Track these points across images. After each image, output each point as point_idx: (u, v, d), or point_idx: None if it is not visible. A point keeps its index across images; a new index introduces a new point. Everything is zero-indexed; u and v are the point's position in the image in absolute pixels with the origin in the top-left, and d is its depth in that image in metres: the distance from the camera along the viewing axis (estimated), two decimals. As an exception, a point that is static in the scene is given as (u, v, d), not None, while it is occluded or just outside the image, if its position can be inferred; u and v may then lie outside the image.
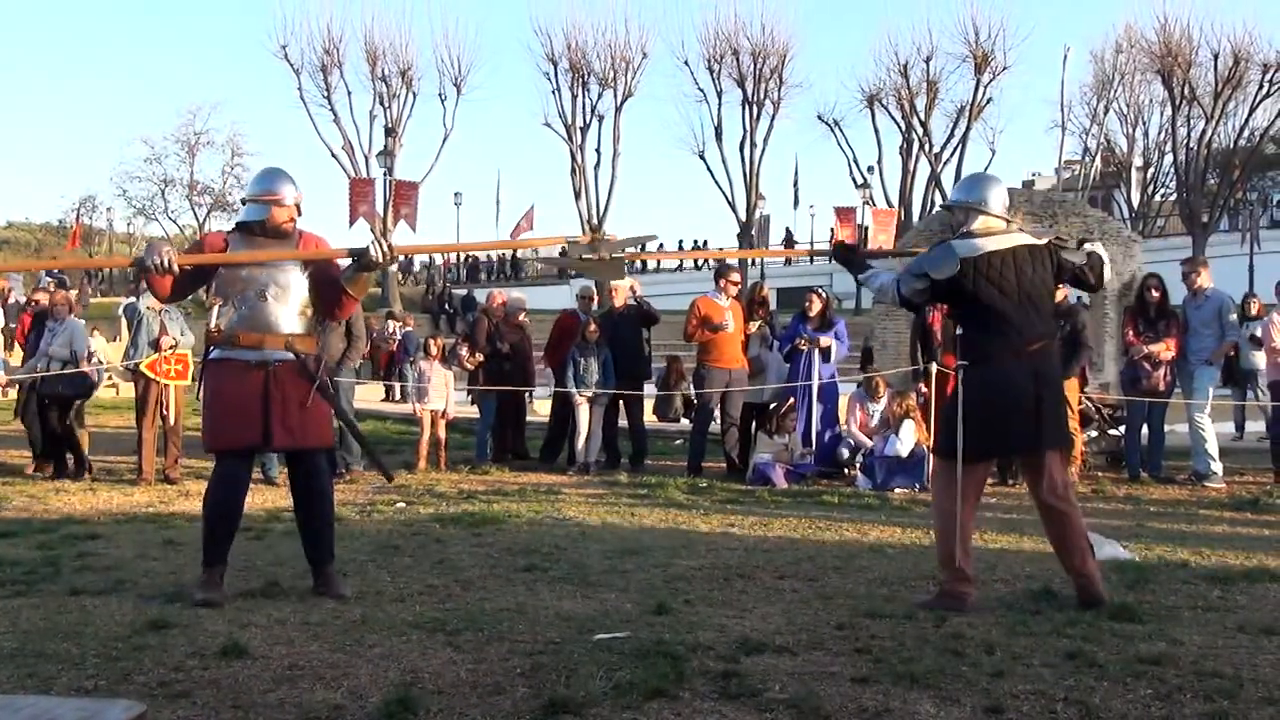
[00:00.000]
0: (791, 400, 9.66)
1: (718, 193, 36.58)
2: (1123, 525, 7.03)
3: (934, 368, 9.15)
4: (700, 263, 37.57)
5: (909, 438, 8.92)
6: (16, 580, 5.25)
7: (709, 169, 36.88)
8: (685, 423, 11.49)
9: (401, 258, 4.83)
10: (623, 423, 10.55)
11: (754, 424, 9.91)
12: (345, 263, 4.96)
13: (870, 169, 38.83)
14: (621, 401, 10.37)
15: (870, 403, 9.58)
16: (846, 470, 9.48)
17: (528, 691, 3.50)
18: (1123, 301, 12.42)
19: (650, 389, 11.51)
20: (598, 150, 36.14)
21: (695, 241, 46.03)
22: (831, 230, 33.86)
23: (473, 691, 3.51)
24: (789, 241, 45.20)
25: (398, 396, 16.54)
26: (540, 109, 40.85)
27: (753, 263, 34.74)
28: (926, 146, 36.88)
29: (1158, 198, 42.28)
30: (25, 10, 77.17)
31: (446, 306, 31.66)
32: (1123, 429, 9.83)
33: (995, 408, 4.67)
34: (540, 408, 12.52)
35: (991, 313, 4.66)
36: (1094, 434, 10.11)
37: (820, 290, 10.20)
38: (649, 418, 11.32)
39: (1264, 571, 5.48)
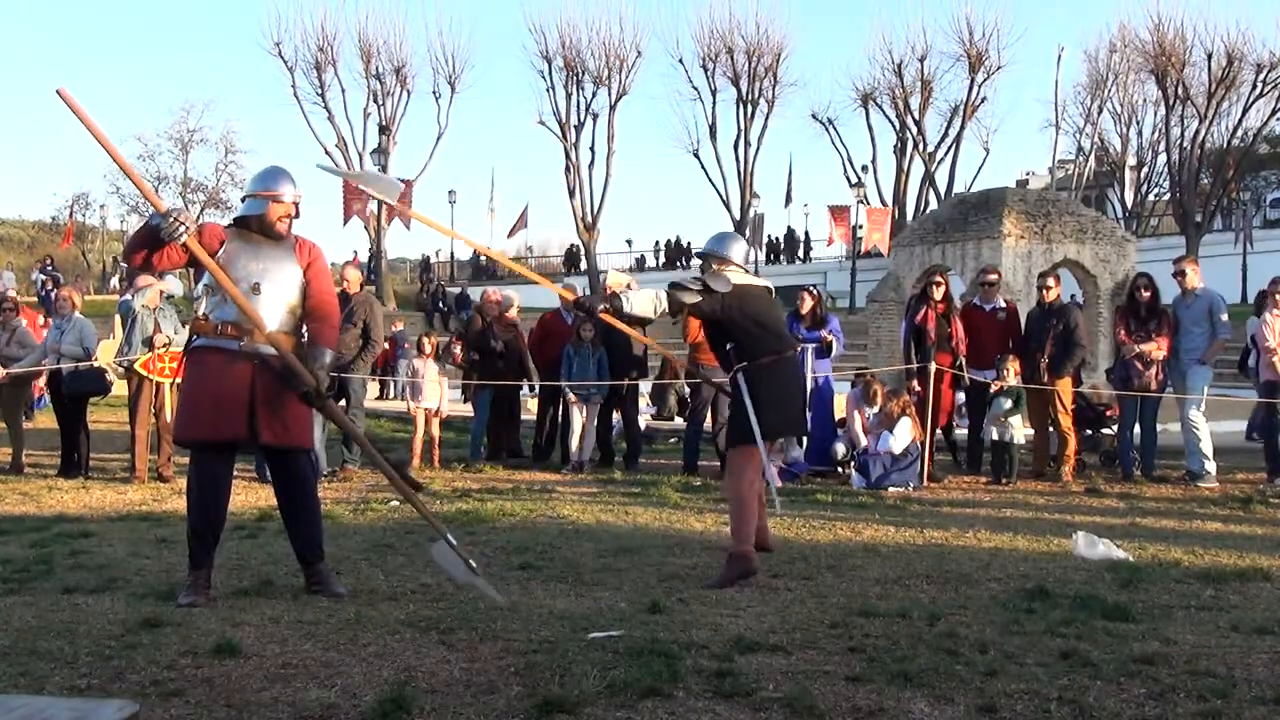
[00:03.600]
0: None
1: (712, 191, 36.68)
2: (1116, 524, 7.04)
3: (932, 367, 9.17)
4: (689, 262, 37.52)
5: (904, 435, 8.92)
6: (9, 578, 5.24)
7: (703, 167, 36.97)
8: (679, 421, 11.49)
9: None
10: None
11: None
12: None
13: (864, 168, 38.91)
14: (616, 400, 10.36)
15: (866, 405, 9.57)
16: (840, 469, 9.47)
17: (521, 690, 3.49)
18: (1116, 301, 12.43)
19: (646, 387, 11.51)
20: (592, 148, 36.15)
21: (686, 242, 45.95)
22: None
23: (466, 690, 3.50)
24: (790, 239, 45.20)
25: (392, 394, 16.54)
26: (535, 107, 40.72)
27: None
28: (921, 145, 36.93)
29: (1151, 197, 42.39)
30: (17, 9, 77.01)
31: (440, 304, 31.58)
32: (1115, 428, 9.84)
33: (782, 393, 5.53)
34: (532, 405, 12.50)
35: (743, 331, 5.56)
36: (1088, 433, 10.13)
37: (812, 289, 10.20)
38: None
39: (1257, 570, 5.50)
